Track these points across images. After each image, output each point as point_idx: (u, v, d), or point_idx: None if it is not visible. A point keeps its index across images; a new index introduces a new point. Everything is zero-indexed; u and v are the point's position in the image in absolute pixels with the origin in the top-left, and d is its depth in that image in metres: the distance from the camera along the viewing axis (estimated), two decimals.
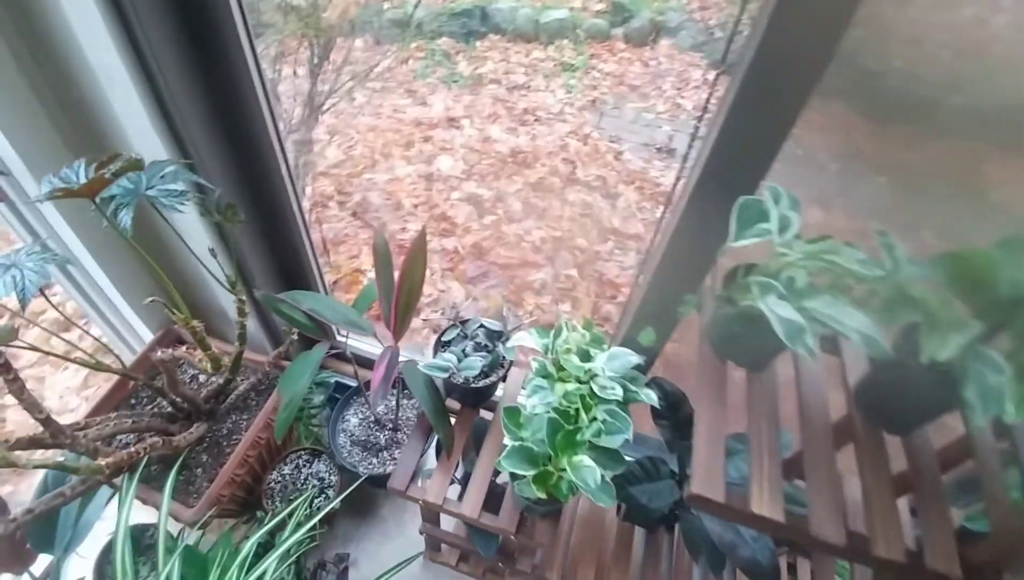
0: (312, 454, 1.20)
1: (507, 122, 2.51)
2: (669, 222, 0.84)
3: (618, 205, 2.18)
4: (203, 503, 0.96)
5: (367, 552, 1.22)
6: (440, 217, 2.13)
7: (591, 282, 1.96)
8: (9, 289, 0.77)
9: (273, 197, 1.03)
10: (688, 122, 2.62)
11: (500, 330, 0.90)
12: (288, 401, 0.88)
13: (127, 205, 0.78)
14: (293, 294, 0.97)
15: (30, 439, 0.86)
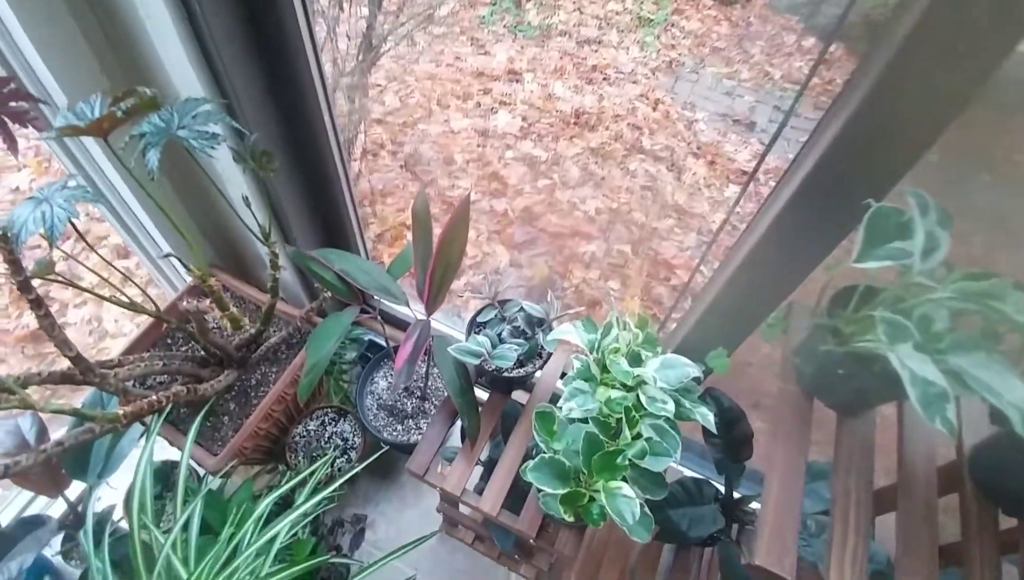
0: (338, 413, 1.18)
1: (573, 79, 2.34)
2: (759, 217, 0.72)
3: (684, 180, 2.01)
4: (225, 454, 0.95)
5: (385, 516, 1.21)
6: (492, 176, 2.03)
7: (645, 260, 1.83)
8: (39, 225, 0.75)
9: (314, 147, 0.96)
10: (774, 93, 2.36)
11: (542, 317, 0.82)
12: (313, 365, 0.84)
13: (155, 145, 0.73)
14: (326, 253, 0.92)
15: (61, 374, 0.86)
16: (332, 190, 1.03)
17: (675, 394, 0.73)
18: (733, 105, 2.32)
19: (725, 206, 1.97)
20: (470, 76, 2.32)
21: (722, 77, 2.44)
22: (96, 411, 0.73)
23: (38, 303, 0.78)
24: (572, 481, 0.64)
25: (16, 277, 0.76)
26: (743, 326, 0.82)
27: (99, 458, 0.98)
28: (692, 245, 1.87)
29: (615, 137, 2.11)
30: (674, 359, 0.74)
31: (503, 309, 0.84)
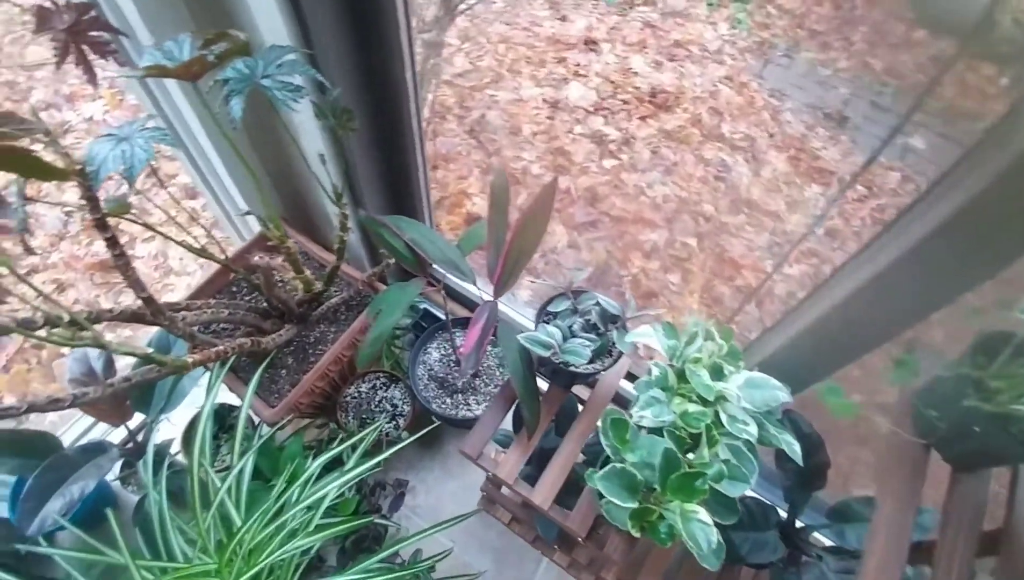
0: (390, 378, 1.18)
1: (653, 54, 2.20)
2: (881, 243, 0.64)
3: (763, 174, 1.89)
4: (282, 407, 0.96)
5: (425, 483, 1.22)
6: (557, 151, 1.96)
7: (709, 256, 1.74)
8: (118, 163, 0.74)
9: (393, 107, 0.92)
10: (872, 87, 2.17)
11: (617, 314, 0.77)
12: (377, 335, 0.82)
13: (239, 92, 0.71)
14: (397, 220, 0.89)
15: (132, 313, 0.87)
16: (405, 154, 1.00)
17: (759, 416, 0.68)
18: (825, 96, 2.14)
19: (803, 207, 1.84)
20: (545, 42, 2.22)
21: (817, 64, 2.25)
22: (167, 357, 0.74)
23: (113, 242, 0.79)
24: (642, 495, 0.61)
25: (93, 214, 0.76)
26: (843, 356, 0.75)
27: (162, 394, 1.01)
28: (763, 245, 1.76)
29: (693, 120, 1.99)
30: (761, 379, 0.69)
31: (577, 301, 0.80)
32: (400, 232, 0.87)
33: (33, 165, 0.68)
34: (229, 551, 0.82)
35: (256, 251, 1.10)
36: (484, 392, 1.14)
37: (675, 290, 1.67)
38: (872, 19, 2.42)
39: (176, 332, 0.87)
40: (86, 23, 0.74)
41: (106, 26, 0.74)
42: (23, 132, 0.68)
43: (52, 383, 1.58)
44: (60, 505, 0.87)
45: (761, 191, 1.85)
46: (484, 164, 1.93)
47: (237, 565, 0.83)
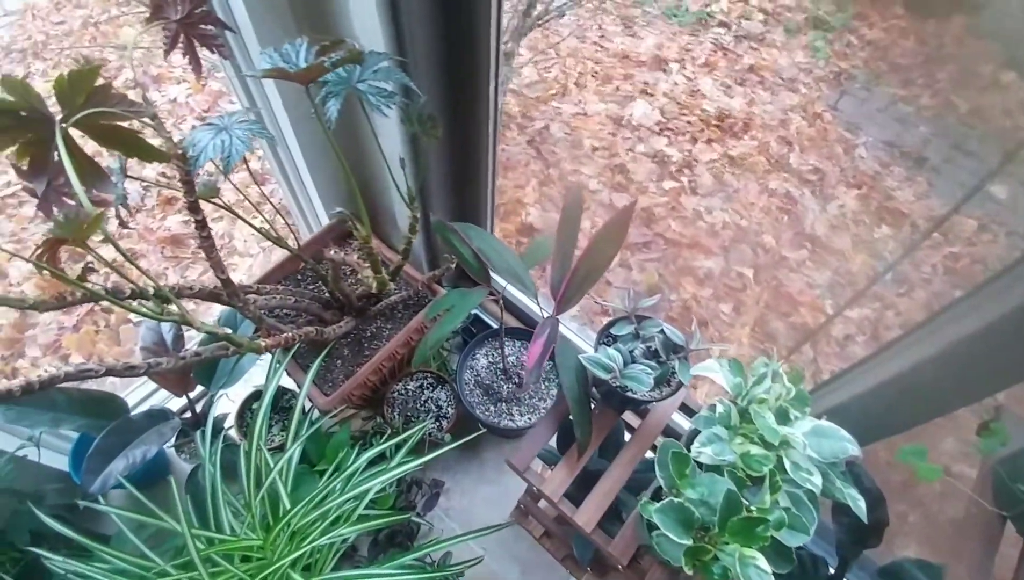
0: (437, 379, 1.20)
1: (723, 77, 2.17)
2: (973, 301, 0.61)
3: (829, 210, 1.83)
4: (336, 397, 0.99)
5: (460, 486, 1.23)
6: (617, 168, 1.95)
7: (765, 289, 1.70)
8: (217, 152, 0.78)
9: (472, 117, 0.94)
10: (956, 129, 2.07)
11: (681, 345, 0.76)
12: (437, 338, 0.84)
13: (336, 95, 0.73)
14: (466, 228, 0.91)
15: (210, 292, 0.92)
16: (477, 162, 1.02)
17: (823, 466, 0.66)
18: (904, 134, 2.06)
19: (871, 248, 1.77)
20: (614, 58, 2.22)
21: (897, 100, 2.17)
22: (244, 340, 0.77)
23: (202, 224, 0.83)
24: (696, 533, 0.60)
25: (188, 197, 0.80)
26: (919, 416, 0.72)
27: (224, 371, 1.06)
28: (823, 284, 1.70)
29: (760, 148, 1.95)
30: (829, 428, 0.67)
31: (640, 326, 0.79)
32: (468, 240, 0.88)
33: (138, 145, 0.72)
34: (276, 531, 0.85)
35: (326, 243, 1.14)
36: (528, 404, 1.14)
37: (726, 320, 1.63)
38: (959, 57, 2.31)
39: (247, 314, 0.91)
40: (198, 16, 0.79)
41: (216, 20, 0.79)
42: (132, 114, 0.72)
43: (116, 346, 1.68)
44: (123, 466, 0.92)
45: (826, 227, 1.79)
46: (542, 175, 1.94)
47: (282, 545, 0.86)
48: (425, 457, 0.96)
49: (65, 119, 0.64)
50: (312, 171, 1.08)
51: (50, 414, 0.97)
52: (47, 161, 0.66)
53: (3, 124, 0.60)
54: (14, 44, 2.60)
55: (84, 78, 0.65)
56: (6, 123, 0.60)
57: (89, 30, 2.61)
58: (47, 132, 0.63)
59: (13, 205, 2.05)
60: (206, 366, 1.06)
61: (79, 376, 0.78)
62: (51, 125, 0.63)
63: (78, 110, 0.65)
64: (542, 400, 1.15)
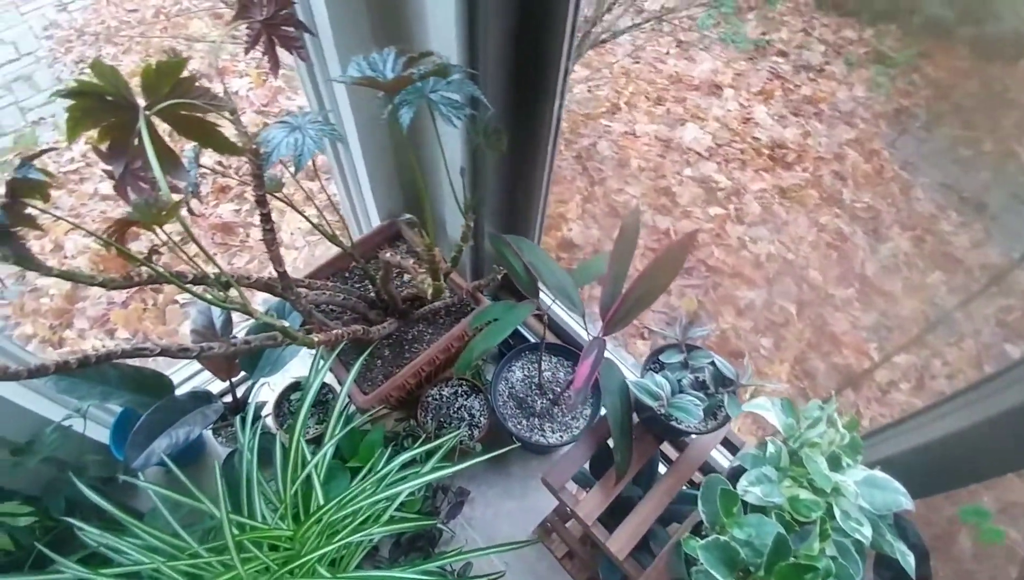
0: (471, 388, 1.20)
1: (779, 106, 2.14)
2: None
3: (881, 250, 1.78)
4: (375, 397, 1.00)
5: (485, 497, 1.23)
6: (663, 190, 1.93)
7: (808, 326, 1.66)
8: (289, 150, 0.81)
9: (533, 132, 0.95)
10: (1017, 178, 1.99)
11: (731, 378, 0.75)
12: (482, 349, 0.84)
13: (410, 104, 0.75)
14: (518, 241, 0.91)
15: (265, 283, 0.94)
16: (533, 177, 1.02)
17: (875, 517, 0.64)
18: (963, 178, 1.99)
19: (922, 293, 1.71)
20: (667, 80, 2.21)
21: (957, 142, 2.10)
22: (299, 332, 0.79)
23: (267, 218, 0.85)
24: (739, 574, 0.58)
25: (257, 190, 0.82)
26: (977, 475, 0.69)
27: (268, 360, 1.08)
28: (869, 326, 1.65)
29: (812, 181, 1.91)
30: (884, 480, 0.64)
31: (690, 356, 0.78)
32: (520, 253, 0.89)
33: (214, 137, 0.75)
34: (307, 525, 0.86)
35: (377, 244, 1.16)
36: (560, 421, 1.13)
37: (765, 355, 1.59)
38: None
39: (298, 307, 0.93)
40: (281, 17, 0.82)
41: (298, 23, 0.81)
42: (213, 107, 0.75)
43: (161, 325, 1.73)
44: (166, 444, 0.95)
45: (877, 268, 1.74)
46: (586, 191, 1.94)
47: (312, 539, 0.87)
48: (458, 466, 0.96)
49: (149, 107, 0.67)
50: (370, 173, 1.10)
51: (101, 387, 1.00)
52: (127, 145, 0.68)
53: (89, 107, 0.63)
54: (87, 27, 2.74)
55: (171, 69, 0.68)
56: (92, 106, 0.62)
57: (160, 20, 2.73)
58: (130, 117, 0.65)
59: (74, 181, 2.14)
60: (253, 355, 1.09)
61: (135, 354, 0.81)
62: (135, 111, 0.66)
63: (162, 99, 0.68)
64: (575, 419, 1.14)
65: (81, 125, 0.64)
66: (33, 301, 1.81)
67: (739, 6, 2.44)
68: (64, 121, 0.66)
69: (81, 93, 0.61)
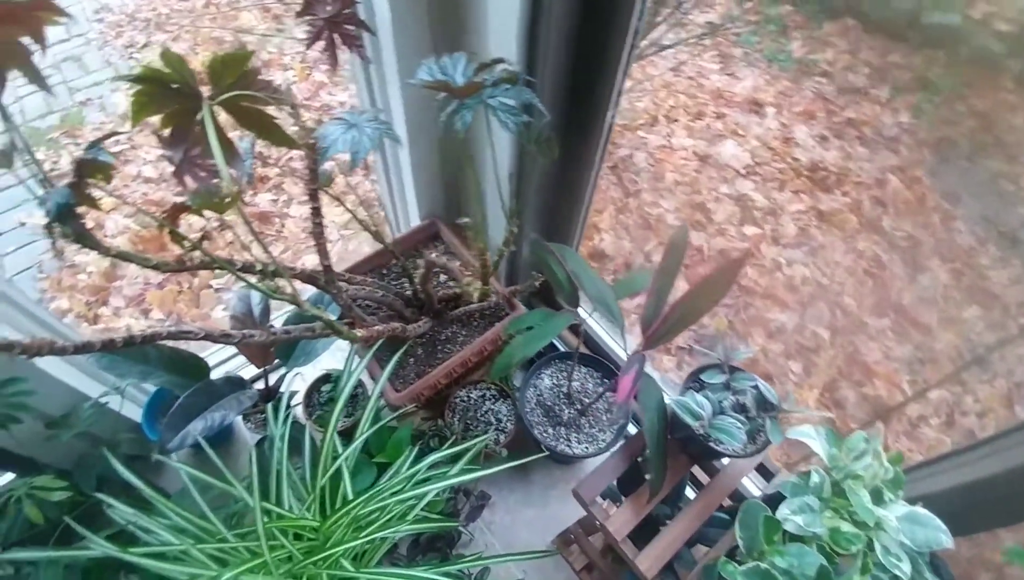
0: (500, 393, 1.20)
1: (820, 127, 2.11)
2: None
3: (919, 281, 1.74)
4: (407, 394, 1.00)
5: (505, 503, 1.22)
6: (697, 206, 1.92)
7: (840, 353, 1.62)
8: (346, 146, 0.82)
9: (583, 142, 0.95)
10: None
11: (774, 403, 0.74)
12: (520, 356, 0.84)
13: (469, 108, 0.75)
14: (561, 249, 0.91)
15: (309, 275, 0.96)
16: (579, 186, 1.02)
17: (914, 553, 0.62)
18: (1003, 213, 1.94)
19: (958, 327, 1.67)
20: (708, 95, 2.20)
21: (999, 176, 2.05)
22: (343, 326, 0.80)
23: (317, 212, 0.86)
24: None
25: (310, 185, 0.84)
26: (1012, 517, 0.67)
27: (303, 351, 1.09)
28: (903, 358, 1.61)
29: (852, 206, 1.87)
30: (926, 517, 0.63)
31: (732, 377, 0.77)
32: (563, 261, 0.89)
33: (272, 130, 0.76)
34: (335, 518, 0.86)
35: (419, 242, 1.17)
36: (587, 433, 1.13)
37: (794, 379, 1.57)
38: None
39: (339, 301, 0.94)
40: (344, 16, 0.83)
41: (360, 22, 0.82)
42: (274, 100, 0.76)
43: (195, 309, 1.76)
44: (201, 427, 0.96)
45: (913, 298, 1.70)
46: (620, 202, 1.94)
47: (339, 532, 0.87)
48: (485, 470, 0.97)
49: (213, 96, 0.68)
50: (414, 173, 1.11)
51: (140, 367, 1.02)
52: (188, 132, 0.70)
53: (154, 93, 0.64)
54: (139, 13, 2.81)
55: (237, 61, 0.69)
56: (157, 92, 0.64)
57: (210, 10, 2.79)
58: (193, 106, 0.67)
59: (118, 163, 2.20)
60: (289, 344, 1.10)
61: (179, 336, 0.83)
62: (198, 100, 0.67)
63: (226, 90, 0.69)
64: (602, 431, 1.13)
65: (146, 110, 0.65)
66: (71, 277, 1.85)
67: (785, 25, 2.41)
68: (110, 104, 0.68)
69: (148, 79, 0.62)
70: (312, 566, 0.84)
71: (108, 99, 2.38)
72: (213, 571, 0.82)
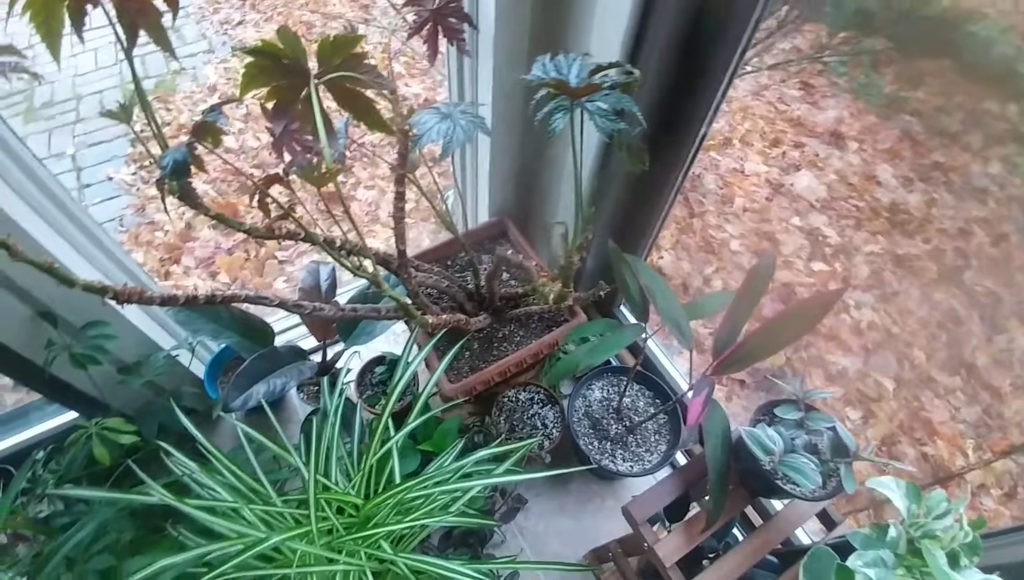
0: (548, 398, 1.19)
1: (905, 168, 2.01)
2: None
3: (997, 341, 1.63)
4: (461, 387, 1.01)
5: (540, 509, 1.21)
6: (765, 235, 1.86)
7: (903, 407, 1.54)
8: (440, 136, 0.83)
9: (671, 155, 0.93)
10: None
11: (851, 449, 0.70)
12: (584, 365, 0.83)
13: (567, 110, 0.75)
14: (637, 262, 0.90)
15: (382, 257, 0.97)
16: (660, 198, 1.00)
17: None
18: None
19: None
20: (787, 122, 2.13)
21: None
22: (417, 312, 0.81)
23: (401, 196, 0.88)
24: None
25: (399, 169, 0.85)
26: None
27: (364, 330, 1.11)
28: (970, 421, 1.52)
29: (932, 254, 1.77)
30: None
31: (808, 416, 0.73)
32: (636, 273, 0.87)
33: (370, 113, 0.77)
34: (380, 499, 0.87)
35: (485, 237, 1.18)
36: (633, 451, 1.11)
37: (851, 428, 1.49)
38: None
39: (408, 286, 0.95)
40: (450, 9, 0.84)
41: (465, 16, 0.83)
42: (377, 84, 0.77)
43: (258, 277, 1.83)
44: (264, 391, 0.99)
45: (988, 360, 1.59)
46: (684, 222, 1.90)
47: (383, 513, 0.88)
48: (530, 474, 0.96)
49: (320, 75, 0.70)
50: (491, 169, 1.12)
51: (213, 326, 1.06)
52: (290, 107, 0.72)
53: (266, 67, 0.66)
54: None
55: (347, 43, 0.71)
56: (268, 66, 0.66)
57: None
58: (300, 83, 0.69)
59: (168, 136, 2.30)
60: (351, 322, 1.12)
61: (256, 301, 0.85)
62: (306, 78, 0.69)
63: (332, 70, 0.71)
64: (648, 452, 1.10)
65: (256, 82, 0.67)
66: (148, 233, 1.95)
67: (878, 59, 2.31)
68: (201, 75, 0.70)
69: (262, 52, 0.65)
70: (353, 543, 0.85)
71: (200, 70, 2.51)
72: (261, 533, 0.84)
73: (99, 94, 2.46)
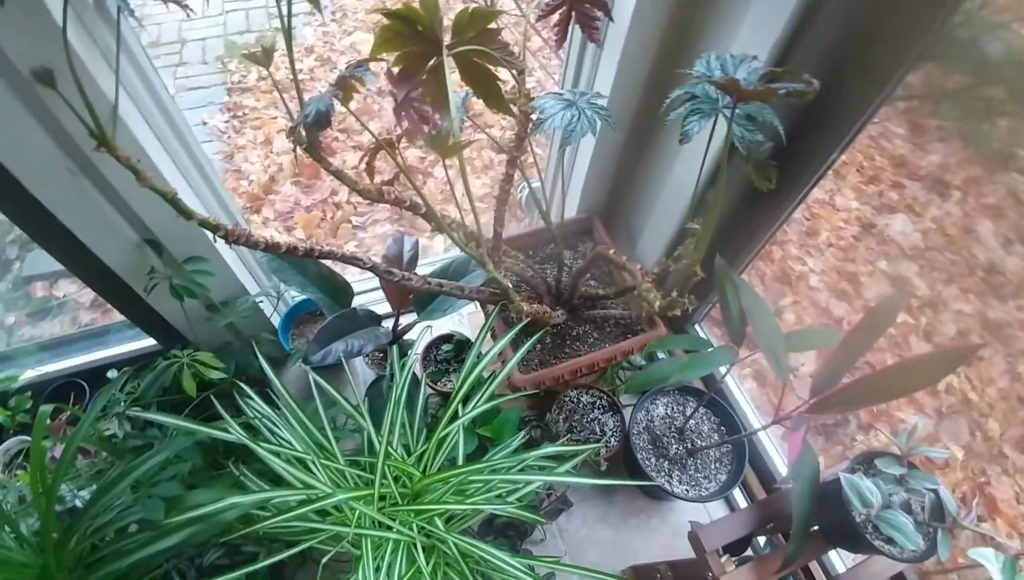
0: (610, 404, 1.17)
1: (1007, 227, 1.88)
2: None
3: None
4: (531, 379, 1.00)
5: (583, 514, 1.19)
6: (846, 274, 1.77)
7: (967, 478, 1.44)
8: (563, 123, 0.81)
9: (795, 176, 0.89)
10: None
11: (951, 514, 0.65)
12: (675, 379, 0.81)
13: (704, 115, 0.72)
14: (741, 283, 0.86)
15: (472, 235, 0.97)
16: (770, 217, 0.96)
17: None
18: None
19: None
20: (887, 160, 2.02)
21: None
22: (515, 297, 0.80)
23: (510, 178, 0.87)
24: None
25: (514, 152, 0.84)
26: None
27: (440, 306, 1.11)
28: None
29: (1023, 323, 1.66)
30: None
31: (909, 474, 0.69)
32: (740, 295, 0.84)
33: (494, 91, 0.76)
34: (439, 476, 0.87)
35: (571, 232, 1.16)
36: (691, 475, 1.07)
37: None
38: None
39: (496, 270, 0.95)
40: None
41: (604, 5, 0.81)
42: (508, 63, 0.76)
43: (331, 238, 1.86)
44: (343, 349, 1.00)
45: None
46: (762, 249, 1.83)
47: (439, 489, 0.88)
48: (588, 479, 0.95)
49: (452, 46, 0.69)
50: (592, 165, 1.10)
51: (300, 278, 1.09)
52: (416, 75, 0.71)
53: (401, 32, 0.66)
54: None
55: (483, 17, 0.70)
56: (403, 31, 0.66)
57: None
58: (431, 51, 0.68)
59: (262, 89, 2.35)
60: (429, 296, 1.13)
61: (350, 260, 0.86)
62: (438, 47, 0.69)
63: (465, 43, 0.70)
64: (707, 479, 1.07)
65: (388, 45, 0.67)
66: (234, 180, 2.02)
67: (992, 108, 2.17)
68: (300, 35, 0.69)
69: (400, 17, 0.64)
70: (406, 514, 0.86)
71: (299, 31, 2.57)
72: (328, 488, 0.86)
73: (202, 41, 2.56)
